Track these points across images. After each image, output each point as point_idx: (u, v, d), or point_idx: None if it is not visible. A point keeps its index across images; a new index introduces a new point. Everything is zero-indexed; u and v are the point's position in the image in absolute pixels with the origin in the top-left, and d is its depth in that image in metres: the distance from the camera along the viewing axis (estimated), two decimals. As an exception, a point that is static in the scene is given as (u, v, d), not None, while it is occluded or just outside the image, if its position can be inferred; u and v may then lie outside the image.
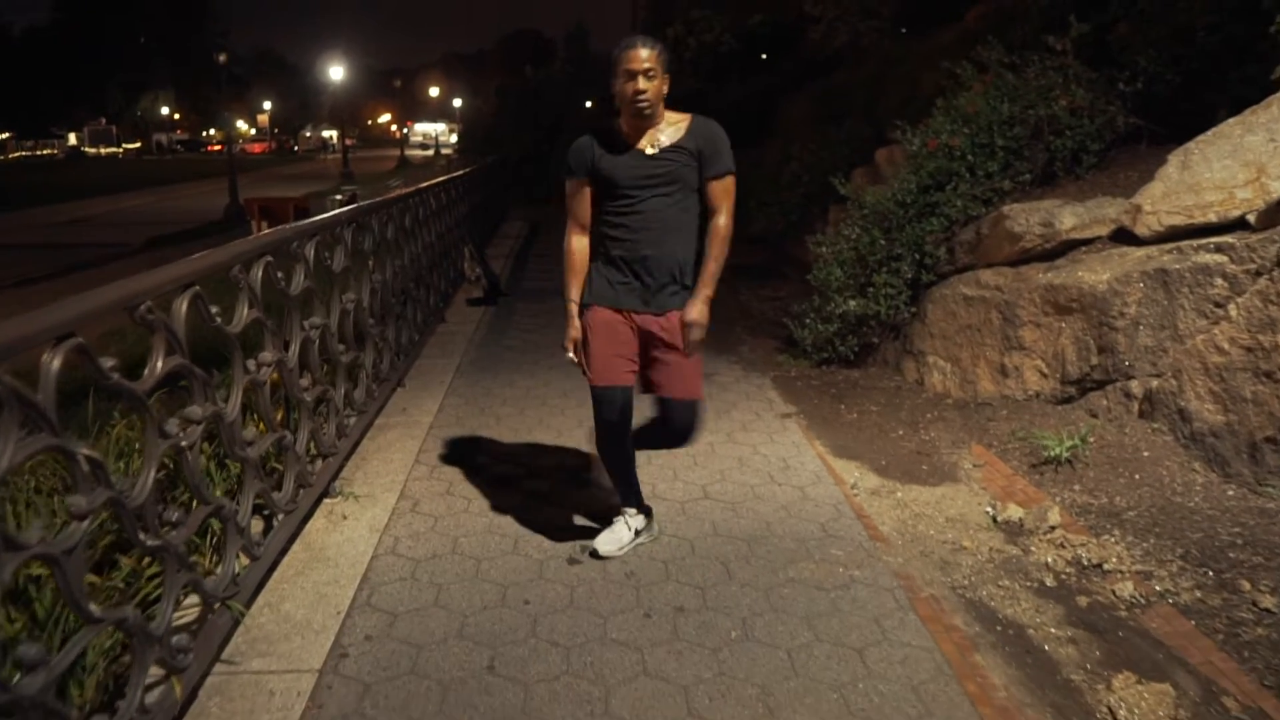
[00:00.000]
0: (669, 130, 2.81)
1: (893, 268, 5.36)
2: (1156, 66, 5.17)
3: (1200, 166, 3.96)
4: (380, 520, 3.36)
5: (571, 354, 2.94)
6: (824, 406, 4.98)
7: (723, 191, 2.83)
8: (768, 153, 11.49)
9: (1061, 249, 4.58)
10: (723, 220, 2.83)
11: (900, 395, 5.12)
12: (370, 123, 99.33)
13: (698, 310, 2.80)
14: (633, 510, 3.15)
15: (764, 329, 6.92)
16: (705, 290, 2.81)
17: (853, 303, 5.38)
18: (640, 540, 3.16)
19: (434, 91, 79.01)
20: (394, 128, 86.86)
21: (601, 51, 32.02)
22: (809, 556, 3.13)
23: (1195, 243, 3.86)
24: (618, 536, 3.10)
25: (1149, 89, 5.18)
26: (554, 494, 3.64)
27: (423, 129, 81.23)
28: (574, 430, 4.42)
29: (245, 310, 2.52)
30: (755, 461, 4.01)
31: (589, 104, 22.84)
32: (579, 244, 2.95)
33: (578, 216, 2.94)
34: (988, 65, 5.74)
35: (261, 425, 2.88)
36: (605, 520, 3.23)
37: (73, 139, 70.77)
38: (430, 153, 58.76)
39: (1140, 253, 4.12)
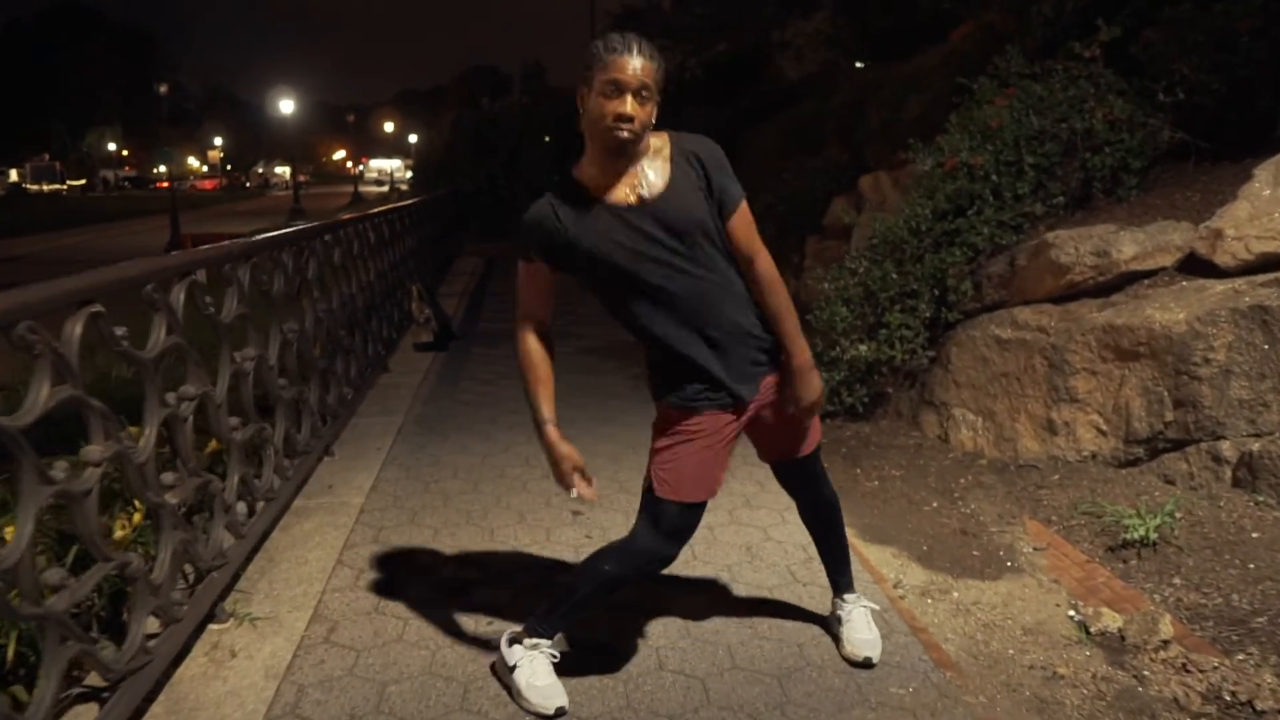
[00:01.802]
0: (653, 164, 2.03)
1: (908, 306, 4.62)
2: (1199, 75, 4.54)
3: (1299, 182, 3.29)
4: (282, 658, 2.48)
5: (576, 490, 2.12)
6: (837, 471, 4.20)
7: (746, 226, 2.13)
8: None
9: (1118, 282, 3.88)
10: (761, 264, 2.14)
11: (923, 455, 4.36)
12: (325, 159, 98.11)
13: (813, 385, 2.20)
14: (549, 640, 2.32)
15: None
16: (804, 354, 2.18)
17: (863, 347, 4.62)
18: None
19: (389, 127, 78.28)
20: (349, 164, 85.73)
21: (558, 86, 31.56)
22: (863, 699, 2.32)
23: (1300, 274, 3.17)
24: (538, 689, 2.25)
25: (1191, 99, 4.55)
26: (516, 606, 2.76)
27: (378, 165, 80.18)
28: (540, 512, 3.58)
29: (45, 390, 1.66)
30: (768, 552, 3.20)
31: (547, 139, 22.12)
32: (534, 345, 2.14)
33: (530, 309, 2.15)
34: (1007, 78, 5.07)
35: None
36: (585, 647, 2.42)
37: (14, 175, 68.39)
38: (385, 188, 57.99)
39: (1224, 286, 3.42)
